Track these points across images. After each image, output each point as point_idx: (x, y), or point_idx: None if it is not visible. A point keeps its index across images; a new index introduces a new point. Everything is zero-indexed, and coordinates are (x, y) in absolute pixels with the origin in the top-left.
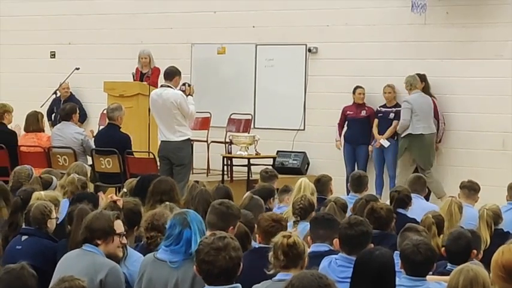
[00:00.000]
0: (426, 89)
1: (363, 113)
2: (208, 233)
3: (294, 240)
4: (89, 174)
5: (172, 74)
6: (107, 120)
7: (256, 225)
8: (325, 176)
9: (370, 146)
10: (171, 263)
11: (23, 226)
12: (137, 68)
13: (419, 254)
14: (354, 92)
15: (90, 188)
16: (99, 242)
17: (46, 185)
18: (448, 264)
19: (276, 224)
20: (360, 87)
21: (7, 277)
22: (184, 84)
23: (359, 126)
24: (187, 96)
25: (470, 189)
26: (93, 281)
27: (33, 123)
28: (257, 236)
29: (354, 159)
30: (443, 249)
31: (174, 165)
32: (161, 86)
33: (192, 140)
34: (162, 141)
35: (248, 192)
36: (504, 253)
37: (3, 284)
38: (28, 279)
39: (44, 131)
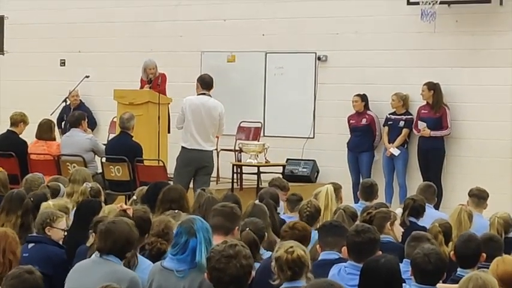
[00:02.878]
0: (438, 98)
1: (364, 121)
2: (215, 237)
3: (298, 254)
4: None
5: (209, 83)
6: (118, 129)
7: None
8: (336, 184)
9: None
10: (177, 272)
11: (33, 234)
12: (141, 78)
13: (430, 263)
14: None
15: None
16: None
17: (55, 193)
18: (458, 269)
19: None
20: (356, 95)
21: (15, 282)
22: None
23: (360, 134)
24: None
25: (480, 197)
26: None
27: (46, 131)
28: None
29: (357, 167)
30: (452, 253)
31: (201, 174)
32: (202, 94)
33: None
34: (193, 149)
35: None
36: (499, 266)
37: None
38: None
39: (55, 140)
